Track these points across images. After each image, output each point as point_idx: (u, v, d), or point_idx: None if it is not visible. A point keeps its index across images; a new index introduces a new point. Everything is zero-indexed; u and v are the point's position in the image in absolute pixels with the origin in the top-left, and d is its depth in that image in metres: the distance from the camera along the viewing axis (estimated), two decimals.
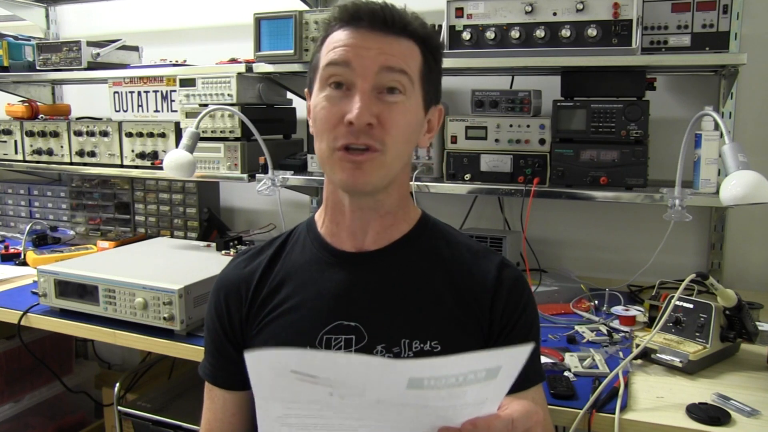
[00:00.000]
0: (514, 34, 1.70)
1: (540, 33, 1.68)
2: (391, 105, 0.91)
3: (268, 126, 2.20)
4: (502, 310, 0.98)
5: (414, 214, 1.05)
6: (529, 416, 0.78)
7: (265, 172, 2.06)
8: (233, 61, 2.21)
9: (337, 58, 0.92)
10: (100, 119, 2.59)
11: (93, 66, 2.41)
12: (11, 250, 2.35)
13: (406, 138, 0.95)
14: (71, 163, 2.48)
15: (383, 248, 1.00)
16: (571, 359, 1.39)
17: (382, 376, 0.64)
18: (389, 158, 0.92)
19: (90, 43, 2.41)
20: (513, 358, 0.67)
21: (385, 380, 0.65)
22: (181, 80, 2.19)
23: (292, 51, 1.99)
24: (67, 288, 1.72)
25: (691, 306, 1.43)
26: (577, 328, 1.61)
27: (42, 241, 2.49)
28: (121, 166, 2.37)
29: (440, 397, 0.66)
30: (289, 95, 2.37)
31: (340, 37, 0.93)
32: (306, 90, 1.02)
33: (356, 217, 0.99)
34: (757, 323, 1.46)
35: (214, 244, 2.09)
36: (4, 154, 2.62)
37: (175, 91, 2.27)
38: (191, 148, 1.90)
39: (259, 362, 0.66)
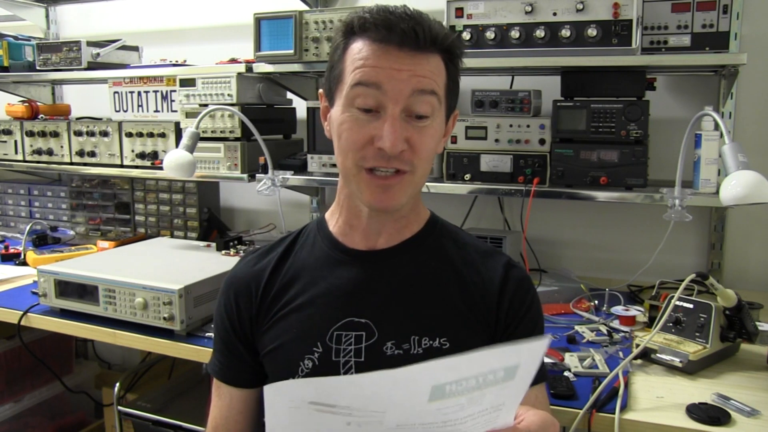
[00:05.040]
0: (514, 34, 1.70)
1: (540, 33, 1.68)
2: (420, 129, 0.91)
3: (268, 126, 2.20)
4: (508, 309, 1.00)
5: (424, 215, 1.06)
6: (546, 428, 0.78)
7: (265, 172, 2.06)
8: (233, 61, 2.21)
9: (368, 80, 0.89)
10: (100, 119, 2.59)
11: (93, 66, 2.41)
12: (11, 250, 2.35)
13: (432, 155, 0.96)
14: (71, 163, 2.47)
15: (394, 247, 1.02)
16: (571, 359, 1.39)
17: (406, 389, 0.63)
18: (417, 177, 0.94)
19: (90, 43, 2.41)
20: (531, 352, 0.66)
21: (409, 394, 0.63)
22: (181, 80, 2.19)
23: (292, 51, 1.99)
24: (67, 288, 1.72)
25: (691, 306, 1.43)
26: (577, 328, 1.61)
27: (42, 241, 2.49)
28: (121, 166, 2.37)
29: (460, 405, 0.65)
30: (289, 95, 2.37)
31: (366, 52, 0.89)
32: (320, 92, 1.01)
33: (372, 221, 1.00)
34: (757, 323, 1.46)
35: (214, 244, 2.09)
36: (4, 154, 2.62)
37: (175, 91, 2.27)
38: (191, 148, 1.90)
39: (278, 394, 0.65)
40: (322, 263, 1.02)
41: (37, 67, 2.49)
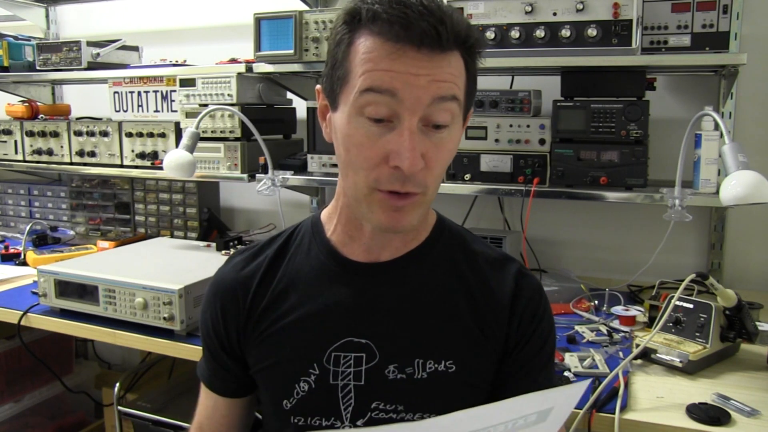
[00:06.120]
0: (514, 34, 1.70)
1: (540, 33, 1.68)
2: (437, 142, 0.81)
3: (268, 126, 2.20)
4: (519, 323, 0.94)
5: (431, 219, 0.99)
6: None
7: (265, 172, 2.06)
8: (233, 61, 2.21)
9: (381, 86, 0.77)
10: (100, 119, 2.58)
11: (93, 66, 2.41)
12: (11, 250, 2.35)
13: (445, 169, 0.87)
14: (71, 163, 2.47)
15: (397, 259, 0.93)
16: (571, 359, 1.39)
17: None
18: (429, 197, 0.86)
19: (90, 43, 2.41)
20: (567, 397, 0.63)
21: None
22: (181, 80, 2.19)
23: (292, 51, 1.99)
24: (67, 288, 1.72)
25: (691, 306, 1.43)
26: (577, 328, 1.61)
27: (42, 241, 2.49)
28: (121, 166, 2.37)
29: None
30: (289, 95, 2.37)
31: (379, 53, 0.77)
32: (318, 88, 0.89)
33: (377, 235, 0.92)
34: (757, 323, 1.46)
35: (214, 244, 2.09)
36: (4, 154, 2.62)
37: (175, 91, 2.27)
38: (191, 148, 1.90)
39: None
40: (318, 275, 0.94)
41: (37, 67, 2.49)
